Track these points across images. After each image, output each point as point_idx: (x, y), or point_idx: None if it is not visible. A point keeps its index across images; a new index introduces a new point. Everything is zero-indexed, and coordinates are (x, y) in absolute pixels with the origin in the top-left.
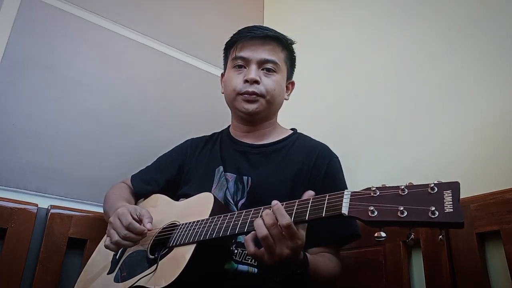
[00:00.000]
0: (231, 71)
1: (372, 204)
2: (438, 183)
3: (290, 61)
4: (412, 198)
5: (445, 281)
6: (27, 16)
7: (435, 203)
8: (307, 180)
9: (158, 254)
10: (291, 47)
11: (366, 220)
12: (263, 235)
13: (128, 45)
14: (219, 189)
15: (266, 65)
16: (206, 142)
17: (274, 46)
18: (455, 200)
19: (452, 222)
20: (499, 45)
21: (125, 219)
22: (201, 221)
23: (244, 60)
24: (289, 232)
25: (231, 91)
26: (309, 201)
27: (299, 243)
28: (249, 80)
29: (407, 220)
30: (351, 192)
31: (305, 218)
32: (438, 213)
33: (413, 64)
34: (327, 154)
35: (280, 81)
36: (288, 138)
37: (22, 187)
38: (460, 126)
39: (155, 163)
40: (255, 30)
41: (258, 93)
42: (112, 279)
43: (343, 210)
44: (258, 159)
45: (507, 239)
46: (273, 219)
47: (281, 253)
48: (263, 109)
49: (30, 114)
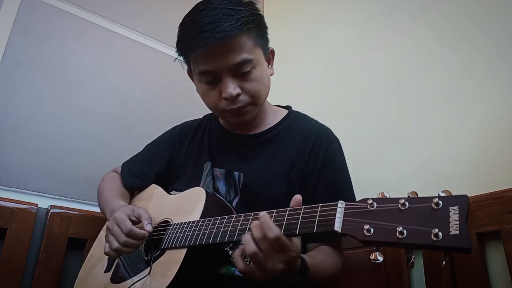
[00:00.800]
0: (201, 85)
1: (368, 222)
2: (444, 196)
3: (261, 33)
4: (413, 215)
5: (445, 281)
6: (27, 16)
7: (439, 223)
8: (303, 172)
9: (151, 256)
10: (254, 14)
11: (361, 239)
12: (251, 252)
13: (128, 45)
14: (206, 187)
15: (239, 70)
16: (196, 130)
17: (239, 40)
18: (462, 219)
19: (458, 248)
20: (499, 46)
21: (124, 226)
22: (191, 223)
23: (212, 74)
24: (279, 245)
25: (211, 108)
26: (300, 211)
27: (292, 255)
28: (228, 98)
29: (406, 242)
30: (345, 205)
31: (295, 232)
32: (442, 236)
33: (413, 64)
34: (324, 140)
35: (261, 73)
36: (281, 122)
37: (22, 187)
38: (460, 126)
39: (143, 154)
40: (210, 34)
41: (244, 105)
42: (109, 279)
43: (336, 227)
44: (249, 152)
45: (507, 239)
46: (262, 233)
47: (274, 268)
48: (255, 114)
49: (30, 114)
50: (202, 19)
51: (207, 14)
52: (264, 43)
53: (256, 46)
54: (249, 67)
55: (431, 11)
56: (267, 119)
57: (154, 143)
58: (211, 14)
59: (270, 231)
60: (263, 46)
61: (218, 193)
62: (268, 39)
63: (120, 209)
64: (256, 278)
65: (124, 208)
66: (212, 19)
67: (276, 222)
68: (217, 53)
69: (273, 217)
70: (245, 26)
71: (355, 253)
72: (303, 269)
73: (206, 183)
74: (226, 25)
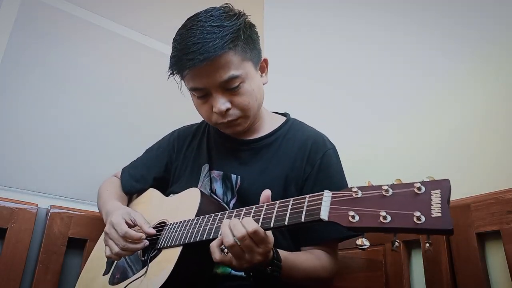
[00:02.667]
0: (194, 98)
1: (352, 208)
2: (426, 181)
3: (248, 46)
4: (396, 201)
5: (445, 281)
6: (27, 16)
7: (421, 206)
8: (300, 177)
9: (147, 256)
10: (240, 29)
11: (346, 226)
12: (229, 244)
13: (128, 45)
14: (203, 189)
15: (228, 86)
16: (194, 133)
17: (225, 58)
18: (444, 202)
19: (440, 229)
20: (497, 44)
21: (120, 229)
22: (187, 222)
23: (202, 90)
24: (258, 237)
25: (206, 120)
26: (289, 203)
27: (269, 247)
28: (218, 113)
29: (390, 226)
30: (332, 194)
31: (284, 223)
32: (424, 219)
33: (412, 63)
34: (321, 146)
35: (251, 86)
36: (279, 129)
37: (22, 187)
38: (460, 126)
39: (142, 158)
40: (194, 56)
41: (235, 118)
42: (107, 281)
43: (322, 215)
44: (247, 156)
45: (507, 239)
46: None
47: (252, 259)
48: (248, 125)
49: (30, 114)
50: (188, 39)
51: (192, 34)
52: (254, 55)
53: (244, 61)
54: (237, 82)
55: (431, 12)
56: (265, 125)
57: (153, 147)
58: (196, 34)
59: (248, 225)
60: (252, 58)
61: (215, 195)
62: (259, 50)
63: (115, 212)
64: (233, 266)
65: (120, 211)
66: (197, 39)
67: (266, 215)
68: (204, 72)
69: (264, 210)
70: (229, 44)
71: (355, 253)
72: (274, 258)
73: (203, 184)
74: (210, 46)
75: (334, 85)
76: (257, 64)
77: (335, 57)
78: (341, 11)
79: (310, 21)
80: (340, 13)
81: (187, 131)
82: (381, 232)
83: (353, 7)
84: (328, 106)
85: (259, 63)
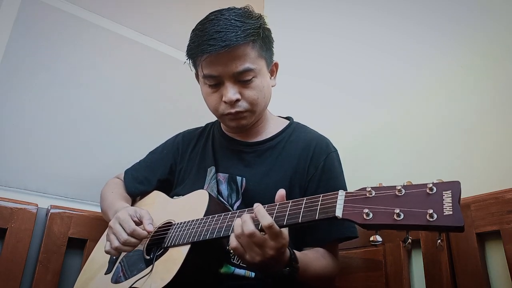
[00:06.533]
0: (205, 87)
1: (367, 206)
2: (437, 182)
3: (265, 46)
4: (409, 200)
5: (445, 281)
6: (27, 16)
7: (434, 205)
8: (304, 179)
9: (153, 255)
10: (260, 27)
11: (361, 223)
12: (238, 233)
13: (128, 45)
14: (210, 191)
15: (241, 78)
16: (199, 136)
17: (243, 50)
18: (455, 201)
19: (451, 226)
20: (497, 43)
21: (128, 226)
22: (195, 221)
23: (216, 78)
24: (271, 232)
25: (212, 110)
26: (302, 201)
27: (283, 242)
28: (228, 102)
29: (404, 223)
30: (346, 193)
31: (298, 221)
32: (436, 216)
33: (412, 62)
34: (323, 149)
35: (262, 83)
36: (283, 131)
37: (22, 187)
38: (460, 126)
39: (146, 160)
40: (216, 42)
41: (242, 110)
42: (109, 280)
43: (337, 213)
44: (252, 158)
45: (507, 239)
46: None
47: (264, 253)
48: (252, 120)
49: (31, 114)
50: (211, 28)
51: (216, 24)
52: (268, 55)
53: (260, 57)
54: (250, 75)
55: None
56: (268, 127)
57: (157, 149)
58: (219, 24)
59: (263, 219)
60: (266, 58)
61: (221, 196)
62: (272, 52)
63: (123, 209)
64: (246, 260)
65: (127, 208)
66: (220, 28)
67: (279, 212)
68: (221, 60)
69: (277, 208)
70: (250, 37)
71: (355, 253)
72: (292, 260)
73: (210, 186)
74: (232, 35)
75: (334, 85)
76: (269, 65)
77: (335, 57)
78: (341, 11)
79: (310, 21)
80: (340, 13)
81: (191, 134)
82: (395, 229)
83: (353, 7)
84: (328, 106)
85: (271, 64)
